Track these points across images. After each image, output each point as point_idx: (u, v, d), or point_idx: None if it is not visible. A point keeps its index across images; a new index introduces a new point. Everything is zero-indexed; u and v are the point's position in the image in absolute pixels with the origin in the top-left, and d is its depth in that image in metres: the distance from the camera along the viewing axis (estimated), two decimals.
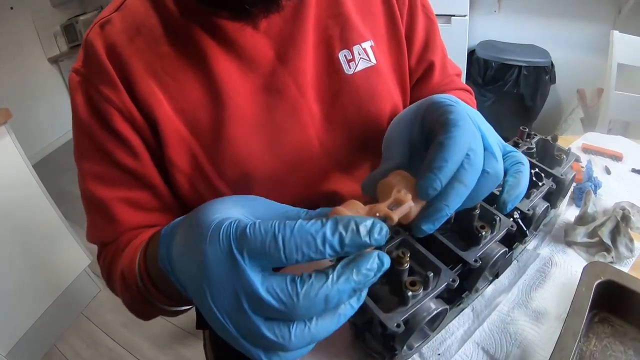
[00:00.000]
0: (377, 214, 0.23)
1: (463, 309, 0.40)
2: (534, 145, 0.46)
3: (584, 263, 0.40)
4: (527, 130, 0.47)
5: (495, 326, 0.39)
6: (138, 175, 0.42)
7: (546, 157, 0.46)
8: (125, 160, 0.41)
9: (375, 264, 0.22)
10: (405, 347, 0.33)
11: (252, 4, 0.37)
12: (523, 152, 0.44)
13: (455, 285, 0.31)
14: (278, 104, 0.44)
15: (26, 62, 2.21)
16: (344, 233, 0.21)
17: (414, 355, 0.37)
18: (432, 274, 0.29)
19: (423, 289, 0.30)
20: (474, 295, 0.40)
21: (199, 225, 0.23)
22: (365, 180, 0.32)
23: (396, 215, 0.24)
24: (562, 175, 0.44)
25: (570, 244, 0.48)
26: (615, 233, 0.47)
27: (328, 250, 0.21)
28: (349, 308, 0.23)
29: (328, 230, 0.21)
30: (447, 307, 0.31)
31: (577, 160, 0.48)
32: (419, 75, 0.55)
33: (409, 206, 0.25)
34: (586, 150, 0.63)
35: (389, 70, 0.50)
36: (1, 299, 1.10)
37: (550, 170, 0.44)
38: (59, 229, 1.27)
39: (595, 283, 0.38)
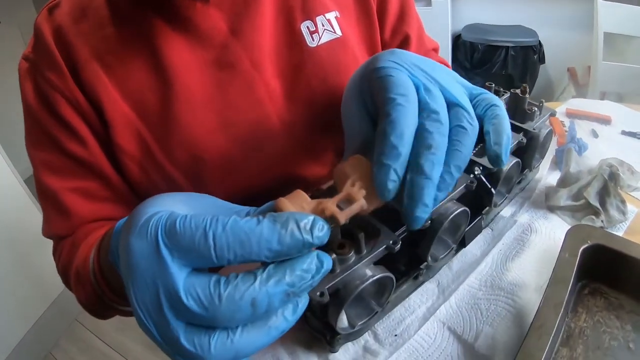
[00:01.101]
0: (324, 213, 0.21)
1: (423, 282, 0.35)
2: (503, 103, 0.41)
3: None
4: (493, 85, 0.42)
5: (464, 302, 0.35)
6: (87, 164, 0.41)
7: (517, 113, 0.42)
8: (73, 148, 0.40)
9: (313, 265, 0.19)
10: (346, 325, 0.28)
11: None
12: None
13: (397, 249, 0.26)
14: (230, 80, 0.41)
15: (15, 76, 2.22)
16: (283, 232, 0.18)
17: (367, 336, 0.32)
18: (362, 234, 0.24)
19: (355, 253, 0.25)
20: (435, 266, 0.35)
21: (132, 217, 0.21)
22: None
23: (343, 217, 0.21)
24: (534, 129, 0.39)
25: (552, 208, 0.43)
26: (603, 194, 0.42)
27: (264, 252, 0.18)
28: (282, 320, 0.20)
29: (265, 228, 0.18)
30: (391, 274, 0.26)
31: (553, 114, 0.43)
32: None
33: (360, 206, 0.22)
34: (570, 115, 0.59)
35: (358, 43, 0.47)
36: None
37: (520, 125, 0.39)
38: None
39: (581, 248, 0.34)
